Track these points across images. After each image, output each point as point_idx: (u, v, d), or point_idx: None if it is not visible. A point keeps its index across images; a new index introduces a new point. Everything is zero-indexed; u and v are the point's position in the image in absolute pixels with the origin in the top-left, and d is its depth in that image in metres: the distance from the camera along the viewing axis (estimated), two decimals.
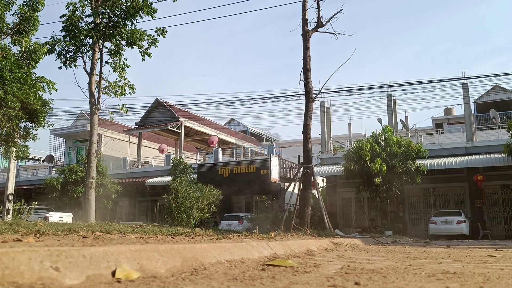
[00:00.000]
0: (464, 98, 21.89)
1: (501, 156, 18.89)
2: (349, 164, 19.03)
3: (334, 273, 2.80)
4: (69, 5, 13.94)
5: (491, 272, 2.97)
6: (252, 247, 3.89)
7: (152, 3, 13.79)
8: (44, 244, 2.59)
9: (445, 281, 2.45)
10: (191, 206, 13.42)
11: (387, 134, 19.33)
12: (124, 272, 2.08)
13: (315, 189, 14.78)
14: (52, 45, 13.92)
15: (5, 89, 9.17)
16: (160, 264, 2.41)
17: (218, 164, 25.52)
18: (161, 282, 2.09)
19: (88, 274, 1.93)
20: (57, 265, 1.84)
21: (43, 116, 10.97)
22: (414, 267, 3.32)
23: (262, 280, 2.35)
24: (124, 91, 14.54)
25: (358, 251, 5.97)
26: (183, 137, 30.89)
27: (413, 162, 18.58)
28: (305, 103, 13.06)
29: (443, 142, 22.40)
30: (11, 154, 12.76)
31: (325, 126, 24.52)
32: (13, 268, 1.68)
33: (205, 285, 2.09)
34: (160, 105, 32.13)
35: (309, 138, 12.75)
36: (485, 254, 5.35)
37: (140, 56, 14.24)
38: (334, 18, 13.05)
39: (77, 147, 34.46)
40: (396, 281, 2.40)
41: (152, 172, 29.05)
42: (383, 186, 18.56)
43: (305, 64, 12.97)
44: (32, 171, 40.18)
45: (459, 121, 29.26)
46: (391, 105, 23.34)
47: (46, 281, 1.74)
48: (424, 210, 21.86)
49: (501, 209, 20.30)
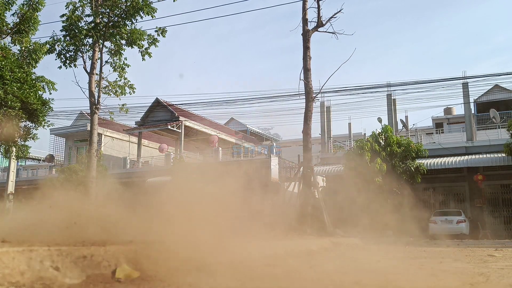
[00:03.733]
0: (464, 98, 21.88)
1: (501, 156, 18.87)
2: (349, 164, 19.02)
3: (334, 272, 2.80)
4: (69, 5, 13.93)
5: (491, 272, 2.97)
6: (253, 247, 3.89)
7: (152, 2, 13.78)
8: (44, 243, 2.59)
9: (445, 280, 2.45)
10: None
11: (387, 134, 19.32)
12: (124, 272, 2.08)
13: (315, 189, 14.78)
14: (52, 44, 13.91)
15: (5, 88, 9.17)
16: (161, 264, 2.41)
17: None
18: (161, 282, 2.09)
19: (88, 274, 1.93)
20: (57, 264, 1.84)
21: (43, 115, 10.96)
22: (414, 267, 3.32)
23: (262, 279, 2.35)
24: (124, 90, 14.53)
25: (358, 251, 5.97)
26: (183, 137, 30.88)
27: (413, 162, 18.57)
28: (305, 103, 13.05)
29: (443, 142, 22.39)
30: (11, 153, 12.74)
31: (325, 126, 24.51)
32: (13, 268, 1.68)
33: (206, 283, 2.09)
34: (160, 105, 32.12)
35: (309, 138, 12.75)
36: (485, 254, 5.35)
37: (140, 56, 14.25)
38: (334, 17, 13.04)
39: (77, 147, 34.45)
40: (397, 281, 2.40)
41: (152, 172, 29.04)
42: (383, 186, 18.55)
43: (305, 63, 12.97)
44: (32, 170, 40.17)
45: (459, 120, 29.24)
46: (391, 105, 23.33)
47: (46, 280, 1.74)
48: (424, 210, 21.84)
49: (501, 209, 20.29)
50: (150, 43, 14.16)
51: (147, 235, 3.58)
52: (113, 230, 3.99)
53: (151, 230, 3.95)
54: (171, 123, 30.18)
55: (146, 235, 3.58)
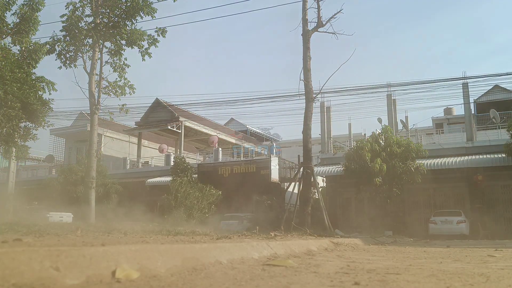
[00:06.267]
0: (464, 98, 21.87)
1: (501, 156, 18.86)
2: (349, 164, 19.02)
3: (334, 273, 2.80)
4: (69, 5, 13.93)
5: (491, 272, 2.97)
6: (252, 247, 3.89)
7: (152, 3, 13.79)
8: (44, 244, 2.59)
9: (445, 281, 2.45)
10: (191, 206, 13.44)
11: (387, 134, 19.31)
12: (124, 272, 2.08)
13: (315, 189, 14.78)
14: (52, 45, 13.92)
15: (5, 89, 9.17)
16: (160, 264, 2.41)
17: (218, 164, 25.50)
18: (161, 282, 2.09)
19: (88, 274, 1.93)
20: (57, 265, 1.84)
21: (43, 116, 10.97)
22: (414, 267, 3.32)
23: (262, 280, 2.35)
24: (124, 91, 14.53)
25: (358, 251, 5.97)
26: (183, 137, 30.88)
27: (413, 162, 18.56)
28: (305, 103, 13.06)
29: (443, 142, 22.38)
30: (11, 154, 12.75)
31: (325, 126, 24.50)
32: (13, 268, 1.68)
33: (205, 285, 2.09)
34: (160, 105, 32.12)
35: (309, 138, 12.76)
36: (485, 254, 5.35)
37: (140, 56, 14.25)
38: (334, 18, 13.07)
39: (77, 147, 34.45)
40: (396, 281, 2.40)
41: (152, 172, 29.05)
42: (383, 186, 18.55)
43: (305, 64, 12.98)
44: (32, 171, 40.16)
45: (459, 121, 29.24)
46: (391, 105, 23.33)
47: (46, 281, 1.74)
48: (424, 210, 21.84)
49: (501, 209, 20.28)
50: (150, 43, 14.17)
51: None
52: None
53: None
54: (171, 124, 30.19)
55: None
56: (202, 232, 6.40)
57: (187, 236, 5.37)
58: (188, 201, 13.40)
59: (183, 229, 6.93)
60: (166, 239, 4.51)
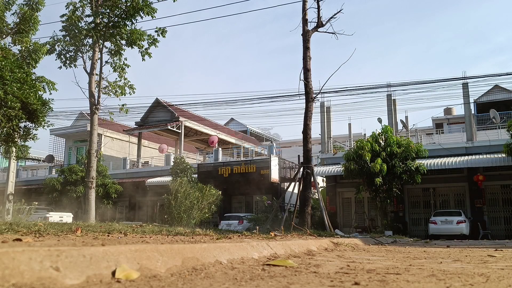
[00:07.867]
0: (464, 98, 21.88)
1: (501, 156, 18.88)
2: (349, 164, 19.02)
3: (334, 273, 2.80)
4: (69, 5, 13.94)
5: (491, 272, 2.97)
6: (252, 247, 3.89)
7: (152, 3, 13.79)
8: (44, 244, 2.59)
9: (445, 281, 2.45)
10: (191, 206, 13.43)
11: (387, 134, 19.32)
12: (124, 272, 2.08)
13: (315, 189, 14.78)
14: (52, 45, 13.93)
15: (5, 89, 9.16)
16: (160, 264, 2.41)
17: (218, 164, 25.51)
18: (161, 282, 2.09)
19: (88, 274, 1.93)
20: (57, 265, 1.84)
21: (43, 116, 10.95)
22: (414, 267, 3.32)
23: (262, 280, 2.35)
24: (124, 91, 14.55)
25: (358, 251, 5.97)
26: (183, 137, 30.89)
27: (413, 162, 18.58)
28: (305, 103, 13.06)
29: (443, 142, 22.39)
30: (11, 154, 12.74)
31: (325, 126, 24.52)
32: (13, 268, 1.68)
33: (205, 285, 2.09)
34: (160, 105, 32.13)
35: (309, 138, 12.75)
36: (485, 254, 5.35)
37: (140, 56, 14.25)
38: (334, 18, 13.06)
39: (77, 147, 34.46)
40: (396, 281, 2.40)
41: (152, 172, 29.06)
42: (383, 186, 18.56)
43: (305, 64, 12.97)
44: (32, 171, 40.17)
45: (459, 121, 29.26)
46: (391, 105, 23.34)
47: (46, 281, 1.74)
48: (424, 210, 21.86)
49: (501, 209, 20.30)
50: (150, 43, 14.18)
51: None
52: None
53: None
54: (171, 124, 30.19)
55: None
56: (202, 232, 6.39)
57: (187, 236, 5.36)
58: (188, 201, 13.39)
59: (183, 229, 6.93)
60: (166, 239, 4.51)
